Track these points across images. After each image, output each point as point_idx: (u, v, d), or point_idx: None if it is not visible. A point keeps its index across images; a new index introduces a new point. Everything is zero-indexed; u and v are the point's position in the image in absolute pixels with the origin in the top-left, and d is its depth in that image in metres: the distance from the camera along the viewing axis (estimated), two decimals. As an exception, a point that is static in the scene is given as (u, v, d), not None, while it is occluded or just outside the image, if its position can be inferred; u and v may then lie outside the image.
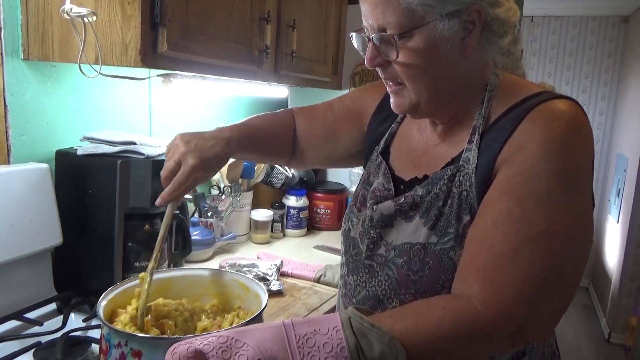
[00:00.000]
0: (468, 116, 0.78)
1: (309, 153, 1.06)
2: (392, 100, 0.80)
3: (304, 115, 1.07)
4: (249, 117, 1.00)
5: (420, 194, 0.78)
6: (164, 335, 0.74)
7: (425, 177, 0.80)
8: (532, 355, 0.79)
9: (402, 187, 0.84)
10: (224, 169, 1.64)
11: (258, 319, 0.75)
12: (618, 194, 4.00)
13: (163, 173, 0.83)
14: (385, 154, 0.90)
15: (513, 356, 0.77)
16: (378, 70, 0.77)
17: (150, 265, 0.79)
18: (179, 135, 0.85)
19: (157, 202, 0.82)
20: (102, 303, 0.75)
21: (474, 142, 0.75)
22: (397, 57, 0.72)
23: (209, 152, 0.82)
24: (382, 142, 0.91)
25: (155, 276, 0.88)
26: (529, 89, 0.75)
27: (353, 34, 0.79)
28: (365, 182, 0.91)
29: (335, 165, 1.13)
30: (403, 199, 0.80)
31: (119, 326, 0.73)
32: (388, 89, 0.80)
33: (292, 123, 1.06)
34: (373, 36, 0.73)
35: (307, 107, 1.09)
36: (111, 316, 0.79)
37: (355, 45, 0.80)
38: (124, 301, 0.81)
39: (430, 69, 0.73)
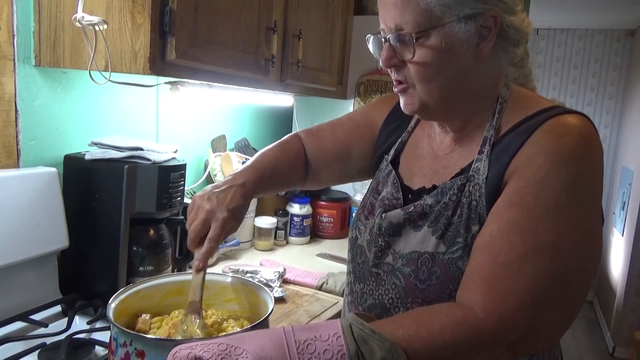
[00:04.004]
0: (479, 127, 0.79)
1: (323, 173, 1.06)
2: (401, 100, 0.80)
3: (312, 137, 1.06)
4: (257, 156, 0.99)
5: (429, 203, 0.78)
6: (167, 337, 0.75)
7: (434, 187, 0.80)
8: None
9: (410, 196, 0.84)
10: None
11: (264, 323, 0.76)
12: (623, 207, 3.99)
13: (191, 235, 0.83)
14: (395, 163, 0.90)
15: None
16: (391, 71, 0.78)
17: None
18: (196, 196, 0.86)
19: (196, 265, 0.81)
20: (112, 305, 0.77)
21: (485, 152, 0.75)
22: (412, 57, 0.73)
23: (233, 202, 0.84)
24: (392, 151, 0.92)
25: (168, 279, 0.90)
26: (540, 103, 0.75)
27: (370, 36, 0.79)
28: (374, 190, 0.91)
29: (349, 181, 1.12)
30: (412, 207, 0.80)
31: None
32: (396, 89, 0.79)
33: (301, 149, 1.04)
34: (390, 36, 0.74)
35: (314, 128, 1.08)
36: (129, 319, 0.81)
37: (371, 49, 0.80)
38: (134, 303, 0.82)
39: (444, 70, 0.73)
